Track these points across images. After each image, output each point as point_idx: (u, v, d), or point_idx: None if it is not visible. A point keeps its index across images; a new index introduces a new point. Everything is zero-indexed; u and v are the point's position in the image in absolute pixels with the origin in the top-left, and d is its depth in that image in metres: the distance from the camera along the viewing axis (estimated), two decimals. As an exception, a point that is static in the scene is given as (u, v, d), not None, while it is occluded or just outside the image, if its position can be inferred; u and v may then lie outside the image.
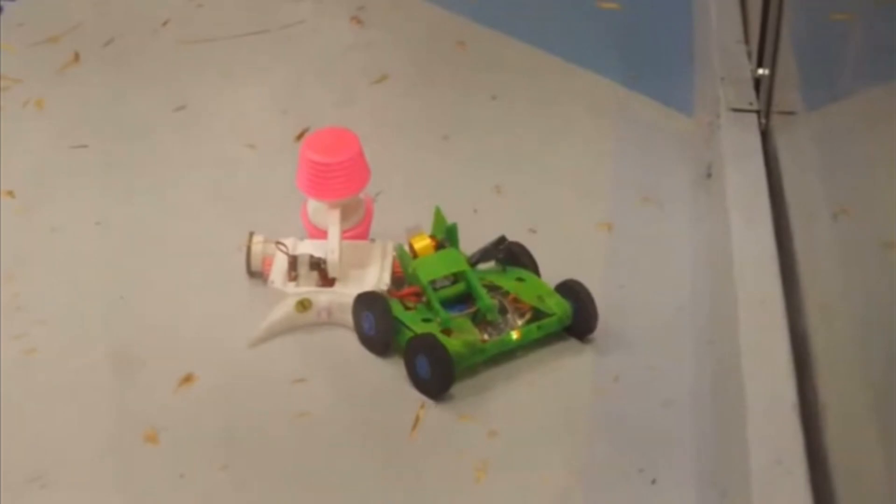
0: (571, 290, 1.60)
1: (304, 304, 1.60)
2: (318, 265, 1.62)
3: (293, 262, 1.63)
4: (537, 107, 2.01)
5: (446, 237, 1.65)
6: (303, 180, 1.66)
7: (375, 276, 1.63)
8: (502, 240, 1.65)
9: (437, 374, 1.51)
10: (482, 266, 1.67)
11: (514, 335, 1.55)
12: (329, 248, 1.62)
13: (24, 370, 1.58)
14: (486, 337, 1.57)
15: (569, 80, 2.04)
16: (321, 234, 1.67)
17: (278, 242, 1.65)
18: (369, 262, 1.65)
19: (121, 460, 1.49)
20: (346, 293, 1.60)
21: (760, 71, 1.85)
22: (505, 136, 1.96)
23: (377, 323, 1.56)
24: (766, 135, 1.81)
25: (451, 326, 1.53)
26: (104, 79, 2.03)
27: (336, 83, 2.05)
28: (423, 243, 1.63)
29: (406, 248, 1.64)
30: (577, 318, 1.58)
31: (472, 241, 1.69)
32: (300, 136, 1.90)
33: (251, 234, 1.66)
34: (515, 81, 2.04)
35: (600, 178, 1.88)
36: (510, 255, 1.66)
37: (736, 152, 1.79)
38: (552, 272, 1.67)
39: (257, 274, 1.67)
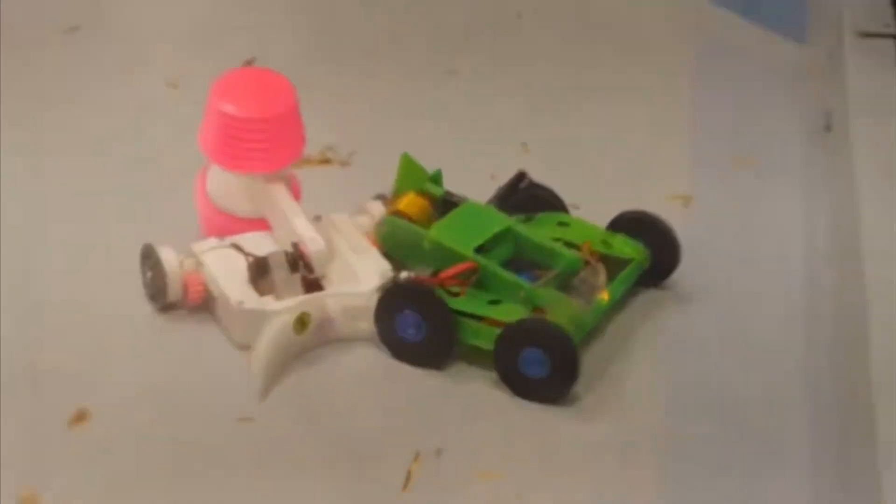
0: (638, 224, 1.58)
1: (303, 321, 1.48)
2: (296, 263, 1.52)
3: (260, 266, 1.50)
4: (585, 28, 1.93)
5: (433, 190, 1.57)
6: (216, 142, 1.54)
7: (371, 264, 1.53)
8: (522, 176, 1.61)
9: (561, 368, 1.46)
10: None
11: (605, 297, 1.51)
12: (306, 237, 1.51)
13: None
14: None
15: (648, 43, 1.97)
16: (230, 222, 1.57)
17: (237, 246, 1.54)
18: (337, 248, 1.54)
19: None
20: (354, 293, 1.51)
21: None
22: (537, 69, 1.87)
23: (432, 321, 1.48)
24: (908, 69, 1.67)
25: (542, 303, 1.48)
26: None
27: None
28: (415, 203, 1.58)
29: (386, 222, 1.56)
30: (654, 257, 1.57)
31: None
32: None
33: (150, 248, 1.53)
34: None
35: (675, 132, 1.80)
36: (535, 200, 1.62)
37: (866, 95, 1.74)
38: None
39: (174, 305, 1.54)
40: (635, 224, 1.58)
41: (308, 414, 1.48)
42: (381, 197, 1.57)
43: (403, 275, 1.51)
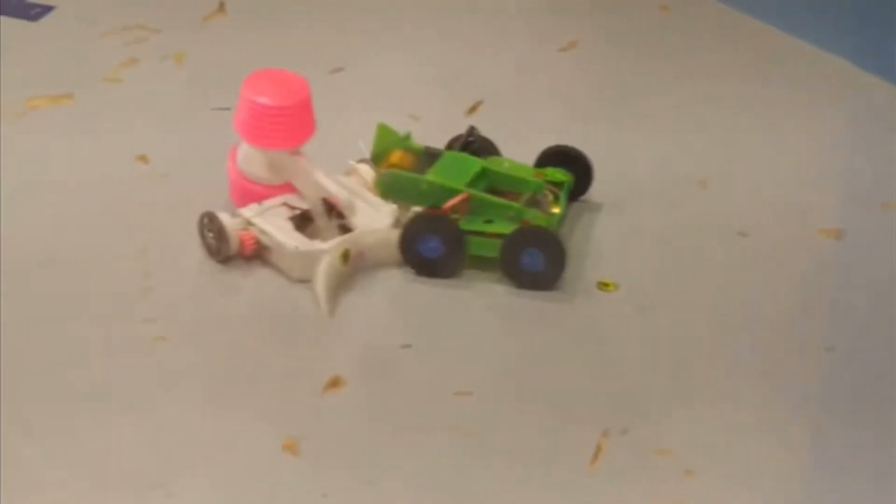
0: (559, 156, 1.80)
1: (346, 255, 1.70)
2: (330, 212, 1.74)
3: (305, 217, 1.73)
4: (751, 85, 1.98)
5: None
6: (251, 127, 1.75)
7: (382, 207, 1.75)
8: (472, 129, 1.83)
9: (555, 261, 1.70)
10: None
11: (557, 210, 1.76)
12: (335, 192, 1.74)
13: (148, 357, 1.63)
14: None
15: (789, 54, 2.02)
16: (258, 189, 1.76)
17: (288, 204, 1.75)
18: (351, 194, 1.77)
19: (258, 472, 1.51)
20: (378, 229, 1.73)
21: None
22: (713, 118, 1.93)
23: (449, 241, 1.70)
24: None
25: (527, 217, 1.72)
26: (251, 34, 2.08)
27: (517, 49, 2.07)
28: (405, 158, 1.79)
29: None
30: (576, 181, 1.81)
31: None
32: (473, 110, 1.94)
33: (211, 214, 1.72)
34: (725, 53, 2.04)
35: (828, 175, 1.83)
36: (482, 148, 1.82)
37: None
38: (765, 281, 1.68)
39: (233, 257, 1.73)
40: (557, 156, 1.79)
41: (368, 325, 1.66)
42: (363, 161, 1.77)
43: (415, 209, 1.72)
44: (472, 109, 1.96)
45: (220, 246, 1.72)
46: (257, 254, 1.72)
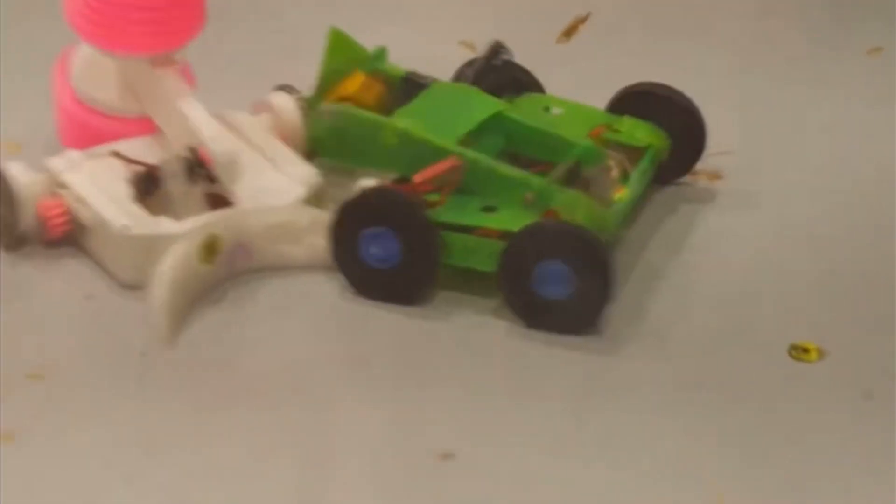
0: (649, 102, 1.37)
1: (211, 246, 1.23)
2: (194, 171, 1.27)
3: (149, 177, 1.26)
4: None
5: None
6: (87, 13, 1.27)
7: (293, 170, 1.29)
8: (498, 47, 1.40)
9: (592, 283, 1.24)
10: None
11: (622, 194, 1.33)
12: (207, 137, 1.27)
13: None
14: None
15: None
16: (104, 124, 1.31)
17: (118, 154, 1.28)
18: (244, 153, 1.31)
19: None
20: (275, 207, 1.27)
21: None
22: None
23: (411, 240, 1.26)
24: None
25: (556, 204, 1.27)
26: None
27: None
28: (369, 87, 1.31)
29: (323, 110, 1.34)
30: (674, 143, 1.38)
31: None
32: (570, 33, 1.55)
33: None
34: None
35: None
36: (514, 82, 1.42)
37: None
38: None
39: (25, 240, 1.27)
40: (645, 102, 1.36)
41: (229, 369, 1.19)
42: (285, 87, 1.34)
43: (365, 182, 1.28)
44: (569, 32, 1.57)
45: (10, 220, 1.28)
46: (69, 236, 1.28)
